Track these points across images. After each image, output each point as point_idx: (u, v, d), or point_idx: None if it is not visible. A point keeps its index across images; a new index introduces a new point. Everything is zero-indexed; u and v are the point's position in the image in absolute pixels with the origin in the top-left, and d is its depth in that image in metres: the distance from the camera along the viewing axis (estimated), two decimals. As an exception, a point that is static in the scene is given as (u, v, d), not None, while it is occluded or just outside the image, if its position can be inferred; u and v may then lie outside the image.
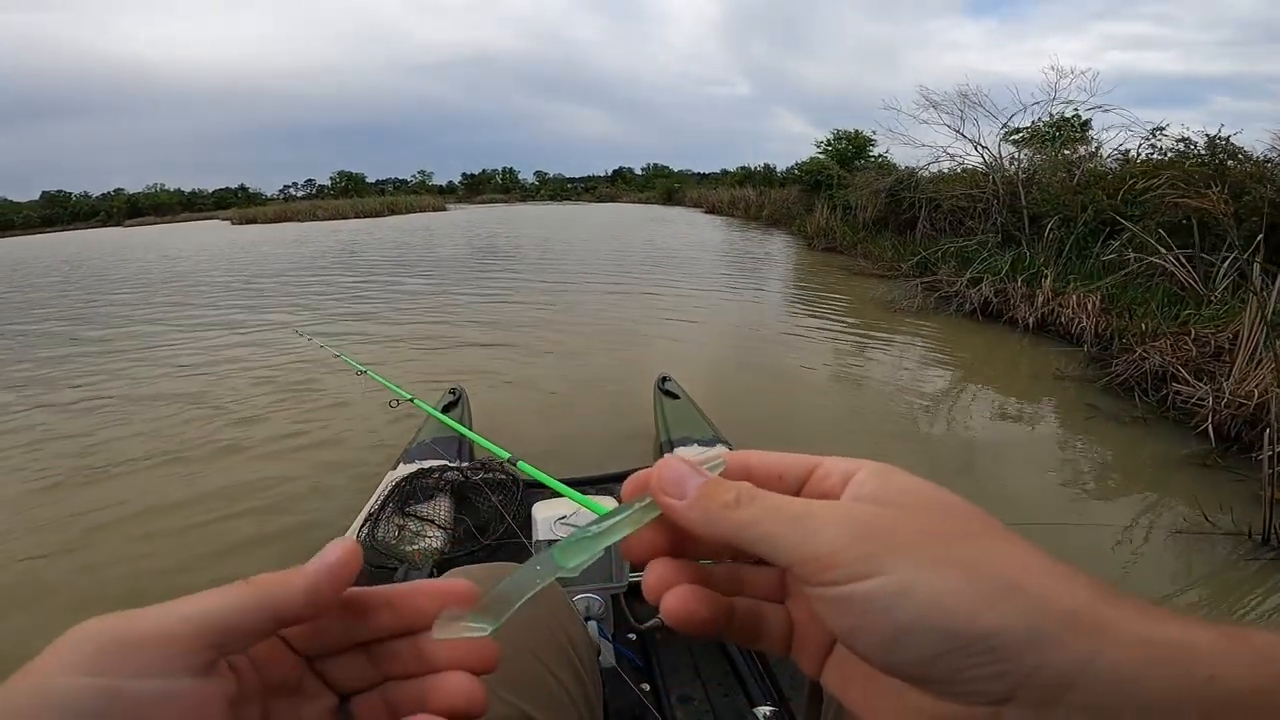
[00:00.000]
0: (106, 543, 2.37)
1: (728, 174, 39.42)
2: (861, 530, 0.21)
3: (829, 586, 0.21)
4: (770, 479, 0.25)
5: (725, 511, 0.23)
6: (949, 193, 7.88)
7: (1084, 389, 3.72)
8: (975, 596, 0.19)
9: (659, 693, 1.08)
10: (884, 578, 0.20)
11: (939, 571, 0.20)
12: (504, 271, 9.62)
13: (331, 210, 33.00)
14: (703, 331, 5.66)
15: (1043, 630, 0.18)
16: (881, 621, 0.20)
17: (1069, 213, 6.43)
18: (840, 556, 0.21)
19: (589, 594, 1.12)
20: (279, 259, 13.30)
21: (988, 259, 5.82)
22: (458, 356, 4.75)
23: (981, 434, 3.23)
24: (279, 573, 0.24)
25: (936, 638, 0.19)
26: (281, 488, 2.73)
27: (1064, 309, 4.69)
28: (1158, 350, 3.64)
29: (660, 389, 2.63)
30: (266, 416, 3.61)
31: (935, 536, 0.21)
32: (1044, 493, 2.61)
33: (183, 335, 5.87)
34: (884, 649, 0.20)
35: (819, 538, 0.21)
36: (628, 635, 1.19)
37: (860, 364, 4.43)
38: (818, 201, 12.24)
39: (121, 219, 58.84)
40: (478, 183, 79.18)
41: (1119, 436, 3.13)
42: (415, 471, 1.69)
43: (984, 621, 0.19)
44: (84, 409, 3.89)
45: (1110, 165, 7.15)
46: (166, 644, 0.21)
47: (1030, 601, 0.19)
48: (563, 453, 2.88)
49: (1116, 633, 0.18)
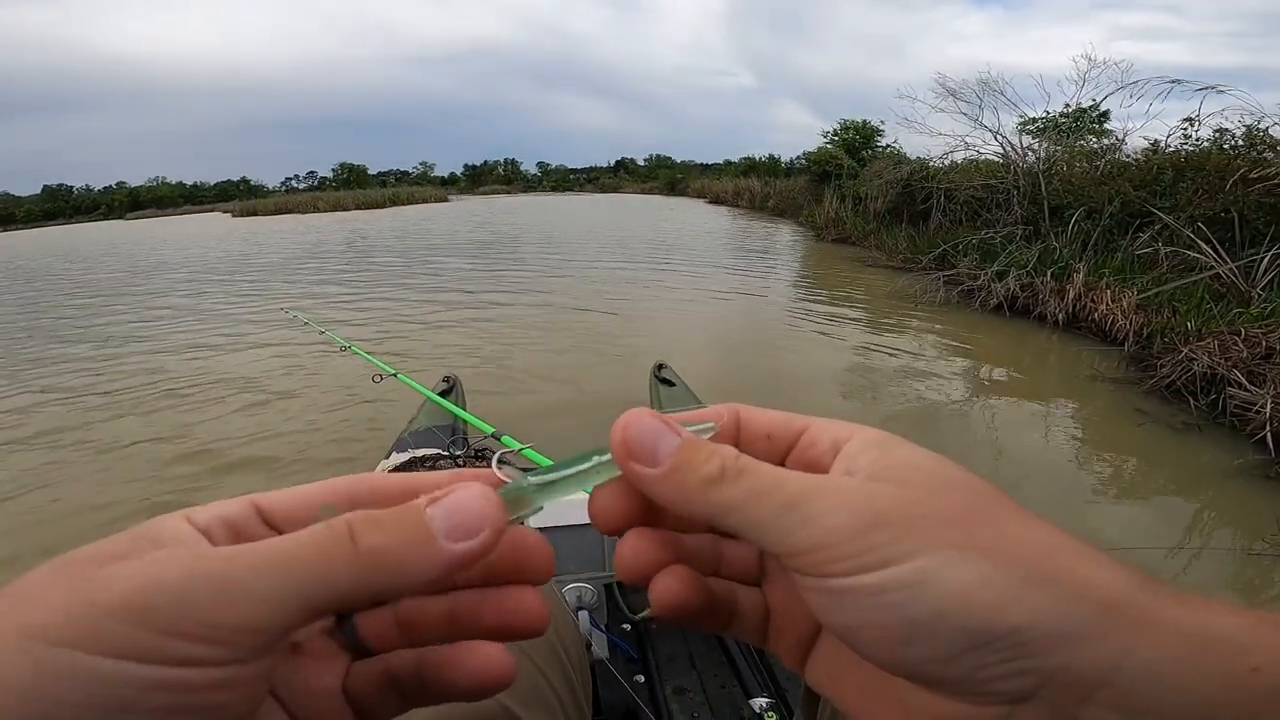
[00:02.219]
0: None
1: (731, 165, 39.16)
2: (870, 515, 0.18)
3: (829, 578, 0.18)
4: (758, 438, 0.23)
5: (706, 488, 0.19)
6: (966, 183, 7.60)
7: (1127, 392, 3.49)
8: (1001, 587, 0.17)
9: (653, 684, 1.04)
10: (895, 568, 0.17)
11: (959, 560, 0.17)
12: (506, 265, 9.41)
13: (332, 202, 32.69)
14: (706, 320, 5.50)
15: (1077, 624, 0.16)
16: (891, 618, 0.17)
17: (1094, 204, 6.18)
18: (845, 547, 0.18)
19: (581, 583, 1.08)
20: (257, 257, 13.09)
21: (1014, 252, 5.55)
22: (450, 342, 4.72)
23: (1017, 441, 3.02)
24: (396, 541, 0.18)
25: (956, 635, 0.17)
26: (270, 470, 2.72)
27: (1097, 305, 4.45)
28: (1205, 351, 3.41)
29: (656, 376, 2.56)
30: (256, 398, 3.58)
31: (951, 519, 0.18)
32: (1094, 508, 2.41)
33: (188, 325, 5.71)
34: (893, 648, 0.18)
35: (819, 524, 0.18)
36: (622, 625, 1.14)
37: (878, 359, 4.20)
38: (827, 192, 11.98)
39: (123, 212, 58.78)
40: (480, 174, 78.79)
41: (1171, 446, 2.91)
42: (408, 460, 1.66)
43: (1012, 616, 0.17)
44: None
45: (1133, 156, 6.88)
46: (238, 635, 0.16)
47: (1063, 591, 0.17)
48: (553, 439, 2.80)
49: (1155, 625, 0.16)
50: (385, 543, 0.18)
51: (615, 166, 76.37)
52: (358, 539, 0.17)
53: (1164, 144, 6.56)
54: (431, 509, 0.18)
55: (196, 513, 0.19)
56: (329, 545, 0.17)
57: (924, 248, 7.23)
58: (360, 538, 0.17)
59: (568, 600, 1.07)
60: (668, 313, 5.83)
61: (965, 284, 5.51)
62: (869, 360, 4.25)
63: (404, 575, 0.18)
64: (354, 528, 0.18)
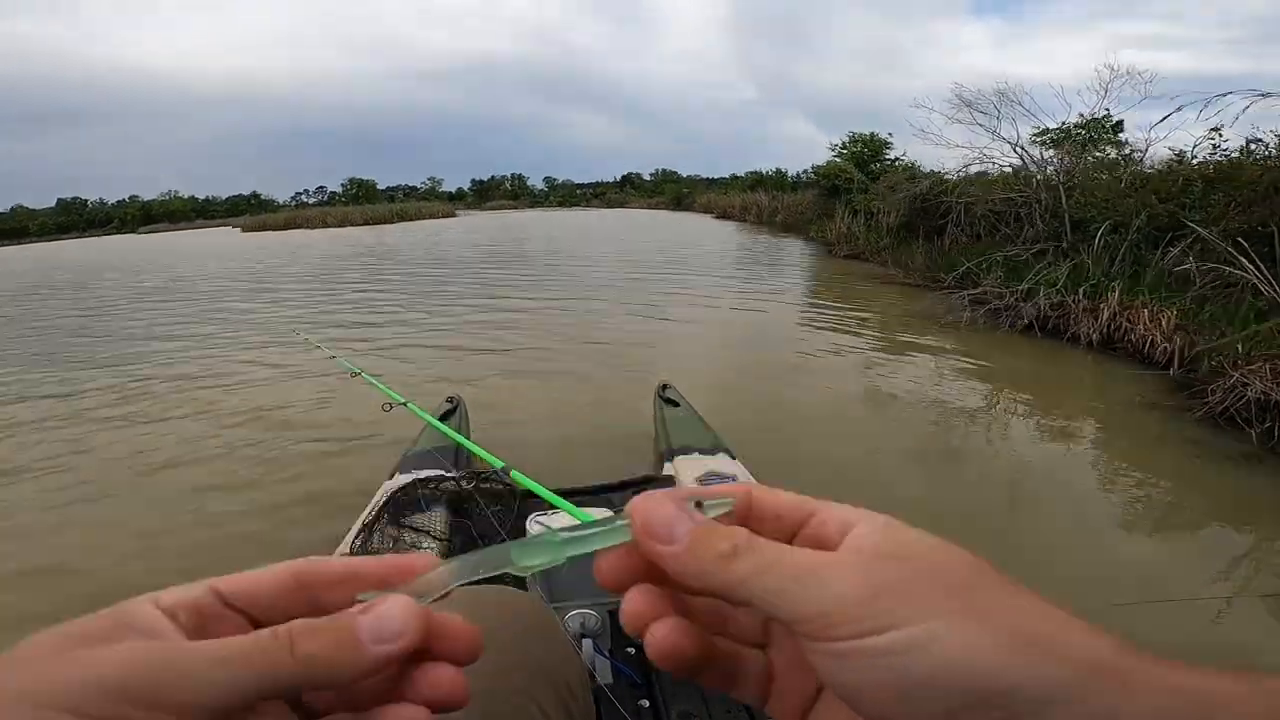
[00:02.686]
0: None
1: (737, 179, 39.21)
2: (875, 584, 0.20)
3: (835, 642, 0.20)
4: (767, 519, 0.24)
5: (721, 563, 0.21)
6: (984, 197, 7.42)
7: (1177, 420, 3.27)
8: (997, 649, 0.18)
9: (658, 710, 1.04)
10: (897, 632, 0.19)
11: (958, 625, 0.19)
12: (512, 280, 9.28)
13: (340, 217, 32.89)
14: (715, 339, 5.34)
15: (1067, 683, 0.18)
16: (892, 678, 0.19)
17: (1119, 218, 5.98)
18: (852, 612, 0.20)
19: (585, 609, 1.08)
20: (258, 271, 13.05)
21: (1045, 270, 5.33)
22: (455, 365, 4.65)
23: (1064, 479, 2.80)
24: (326, 647, 0.21)
25: (955, 694, 0.18)
26: (274, 493, 2.70)
27: (1134, 325, 4.24)
28: (1257, 375, 3.20)
29: (661, 397, 2.58)
30: (261, 418, 3.57)
31: (951, 588, 0.20)
32: (1155, 557, 2.20)
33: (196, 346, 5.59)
34: (892, 705, 0.19)
35: (828, 591, 0.20)
36: (626, 649, 1.13)
37: (900, 383, 3.99)
38: (838, 207, 11.84)
39: (135, 226, 59.51)
40: (487, 189, 79.42)
41: (1231, 479, 2.70)
42: (411, 481, 1.67)
43: (1008, 677, 0.18)
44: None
45: (1155, 167, 6.70)
46: (193, 711, 0.19)
47: (1055, 653, 0.18)
48: (560, 461, 2.81)
49: (1142, 683, 0.18)
50: (318, 650, 0.21)
51: (621, 181, 76.82)
52: (295, 647, 0.21)
53: (1190, 154, 6.39)
54: (362, 618, 0.22)
55: (162, 597, 0.22)
56: (272, 650, 0.20)
57: (943, 265, 7.04)
58: (298, 646, 0.21)
59: (571, 627, 1.06)
60: (676, 330, 5.68)
61: (992, 303, 5.29)
62: (889, 384, 4.05)
63: (335, 673, 0.21)
64: (294, 636, 0.21)
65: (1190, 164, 6.25)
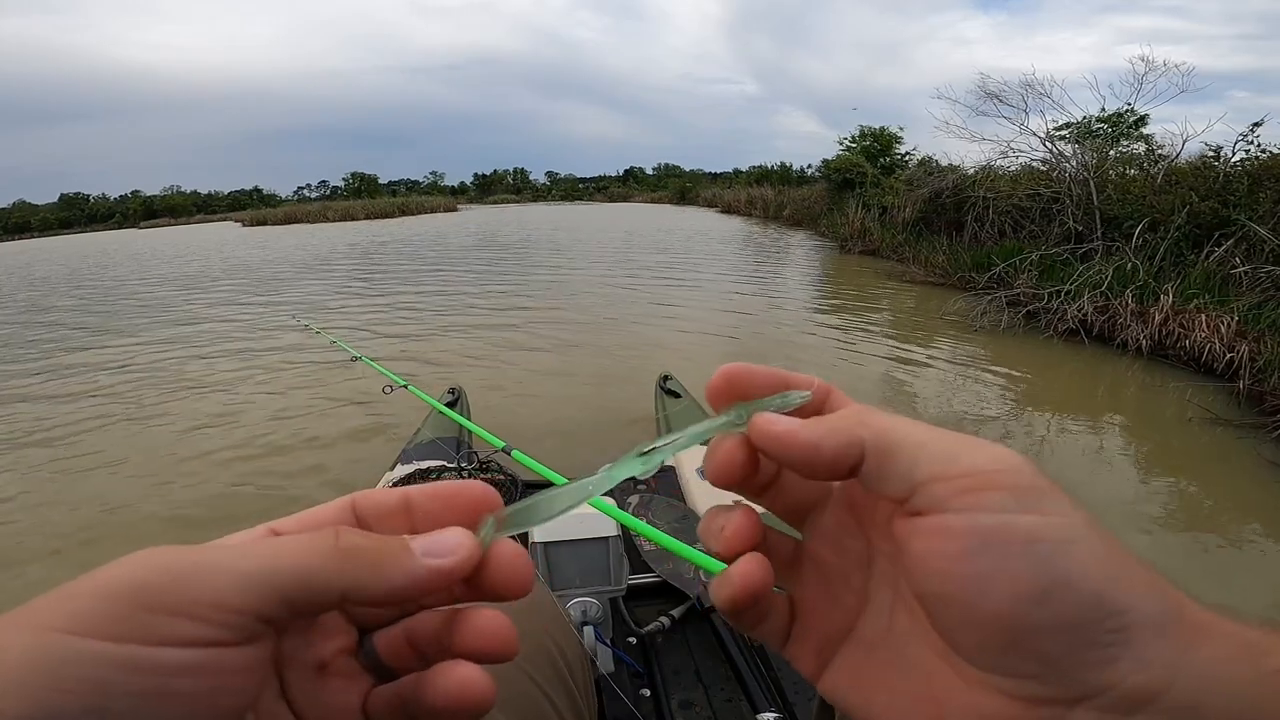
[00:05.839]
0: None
1: (740, 173, 38.73)
2: (1018, 466, 0.18)
3: (980, 512, 0.17)
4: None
5: (853, 423, 0.20)
6: (1012, 192, 7.10)
7: (1250, 438, 2.98)
8: (1124, 565, 0.17)
9: (659, 698, 1.04)
10: (1050, 518, 0.17)
11: (1089, 530, 0.17)
12: (512, 274, 8.99)
13: (341, 212, 32.55)
14: (720, 333, 5.09)
15: (1164, 615, 0.17)
16: (1035, 569, 0.17)
17: (1157, 215, 5.67)
18: (1003, 478, 0.18)
19: (586, 598, 1.06)
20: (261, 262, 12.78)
21: (1090, 272, 5.00)
22: (459, 356, 4.62)
23: (1134, 508, 2.52)
24: (374, 545, 0.20)
25: (1088, 599, 0.16)
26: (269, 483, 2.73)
27: (1189, 331, 3.94)
28: (1337, 389, 2.91)
29: (662, 388, 2.57)
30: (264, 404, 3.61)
31: (1069, 500, 0.18)
32: (1241, 583, 1.93)
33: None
34: (1023, 604, 0.17)
35: (974, 455, 0.18)
36: (627, 639, 1.14)
37: (931, 390, 3.72)
38: (850, 201, 11.51)
39: (137, 221, 59.29)
40: (489, 183, 79.01)
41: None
42: (413, 472, 1.65)
43: (1125, 595, 0.17)
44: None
45: (1190, 162, 6.37)
46: (218, 613, 0.17)
47: (1156, 585, 0.17)
48: (561, 452, 2.79)
49: (1210, 629, 0.17)
50: (364, 543, 0.19)
51: (624, 175, 76.39)
52: (340, 537, 0.19)
53: (1228, 151, 6.06)
54: (414, 541, 0.20)
55: (229, 539, 0.20)
56: (314, 539, 0.19)
57: (966, 262, 6.72)
58: (342, 536, 0.19)
59: (573, 615, 1.04)
60: (685, 325, 5.43)
61: (1029, 305, 4.98)
62: (914, 387, 3.76)
63: (379, 576, 0.19)
64: (339, 530, 0.20)
65: (1228, 160, 5.93)
